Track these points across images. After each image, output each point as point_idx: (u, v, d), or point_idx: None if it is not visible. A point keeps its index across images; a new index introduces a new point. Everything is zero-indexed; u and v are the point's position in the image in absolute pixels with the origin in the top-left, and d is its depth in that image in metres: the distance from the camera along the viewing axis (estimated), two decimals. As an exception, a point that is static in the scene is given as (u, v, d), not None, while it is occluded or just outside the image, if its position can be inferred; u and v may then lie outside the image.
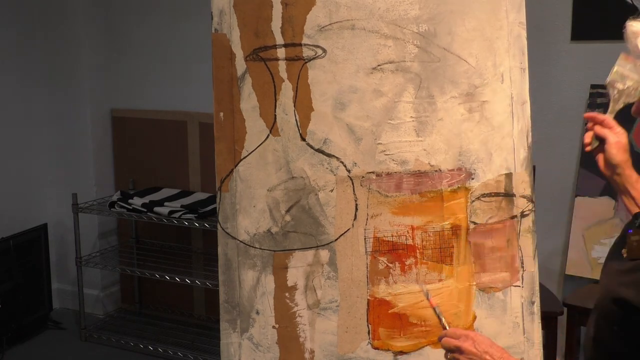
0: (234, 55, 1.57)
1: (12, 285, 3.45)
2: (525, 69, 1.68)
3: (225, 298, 1.64)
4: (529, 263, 1.66)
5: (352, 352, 1.56)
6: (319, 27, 1.51)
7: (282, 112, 1.55)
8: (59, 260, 3.89)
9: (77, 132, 3.75)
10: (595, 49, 2.86)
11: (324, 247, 1.56)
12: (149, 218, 3.34)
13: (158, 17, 3.62)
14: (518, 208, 1.63)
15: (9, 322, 3.40)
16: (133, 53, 3.71)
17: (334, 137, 1.53)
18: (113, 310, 3.89)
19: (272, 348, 1.60)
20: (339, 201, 1.54)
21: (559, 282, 3.02)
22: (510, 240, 1.62)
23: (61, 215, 3.79)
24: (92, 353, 3.47)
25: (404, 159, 1.53)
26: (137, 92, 3.74)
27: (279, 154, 1.56)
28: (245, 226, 1.60)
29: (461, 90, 1.54)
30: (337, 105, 1.52)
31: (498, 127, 1.59)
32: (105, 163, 3.83)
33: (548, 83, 2.94)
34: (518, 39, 1.64)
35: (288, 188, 1.56)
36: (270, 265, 1.58)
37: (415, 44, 1.51)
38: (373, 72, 1.51)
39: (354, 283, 1.55)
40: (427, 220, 1.54)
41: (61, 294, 3.92)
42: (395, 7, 1.50)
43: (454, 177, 1.55)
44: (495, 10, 1.58)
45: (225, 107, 1.60)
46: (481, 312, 1.58)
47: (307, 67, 1.53)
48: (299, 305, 1.58)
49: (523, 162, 1.65)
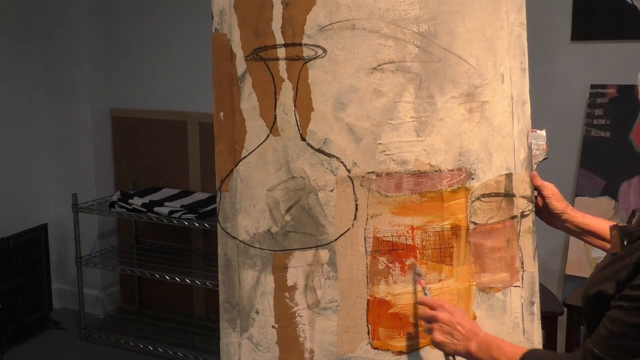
0: (234, 55, 1.57)
1: (12, 285, 3.46)
2: (526, 69, 1.68)
3: (225, 298, 1.64)
4: (529, 263, 1.66)
5: (351, 352, 1.56)
6: (319, 27, 1.51)
7: (282, 112, 1.55)
8: (59, 260, 3.89)
9: (77, 132, 3.75)
10: (595, 49, 2.86)
11: (324, 247, 1.56)
12: (149, 218, 3.35)
13: (158, 17, 3.63)
14: (518, 208, 1.63)
15: (9, 322, 3.41)
16: (133, 53, 3.71)
17: (334, 137, 1.53)
18: (113, 310, 3.89)
19: (272, 348, 1.60)
20: (339, 201, 1.54)
21: (559, 282, 3.02)
22: (510, 240, 1.62)
23: (61, 215, 3.79)
24: (92, 353, 3.47)
25: (404, 159, 1.53)
26: (137, 92, 3.74)
27: (279, 154, 1.56)
28: (245, 226, 1.60)
29: (461, 90, 1.54)
30: (337, 105, 1.52)
31: (498, 127, 1.59)
32: (105, 163, 3.83)
33: (548, 83, 2.94)
34: (518, 39, 1.64)
35: (288, 188, 1.56)
36: (270, 265, 1.58)
37: (416, 44, 1.51)
38: (373, 72, 1.51)
39: (353, 283, 1.55)
40: (427, 221, 1.54)
41: (61, 294, 3.92)
42: (395, 7, 1.50)
43: (454, 177, 1.55)
44: (496, 11, 1.58)
45: (225, 107, 1.60)
46: (481, 312, 1.58)
47: (307, 67, 1.52)
48: (299, 305, 1.58)
49: (523, 163, 1.65)
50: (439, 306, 1.43)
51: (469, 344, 1.38)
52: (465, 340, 1.39)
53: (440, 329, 1.41)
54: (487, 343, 1.36)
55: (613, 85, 2.83)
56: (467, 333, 1.39)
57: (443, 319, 1.41)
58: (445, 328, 1.40)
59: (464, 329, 1.39)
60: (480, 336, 1.38)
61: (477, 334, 1.39)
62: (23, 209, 3.71)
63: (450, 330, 1.40)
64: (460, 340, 1.39)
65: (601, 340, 1.11)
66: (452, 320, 1.40)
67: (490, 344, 1.36)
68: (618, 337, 1.09)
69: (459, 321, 1.40)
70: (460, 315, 1.42)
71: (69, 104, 3.73)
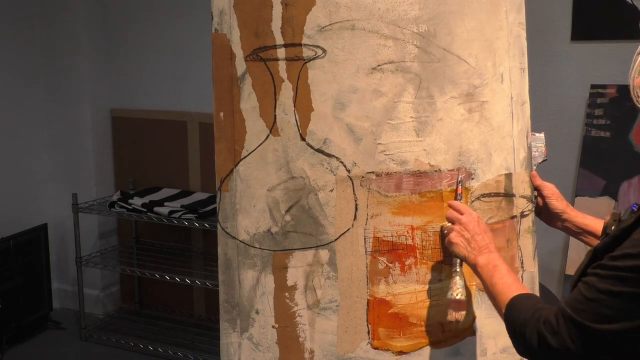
0: (234, 55, 1.57)
1: (12, 285, 3.46)
2: (525, 69, 1.68)
3: (225, 298, 1.64)
4: (529, 263, 1.66)
5: (351, 352, 1.56)
6: (319, 28, 1.51)
7: (282, 112, 1.55)
8: (59, 260, 3.89)
9: (77, 132, 3.75)
10: (595, 49, 2.86)
11: (324, 247, 1.56)
12: (149, 218, 3.35)
13: (158, 17, 3.63)
14: (518, 208, 1.63)
15: (9, 322, 3.41)
16: (133, 53, 3.71)
17: (334, 137, 1.53)
18: (113, 310, 3.89)
19: (272, 348, 1.60)
20: (338, 201, 1.54)
21: (559, 282, 3.02)
22: (510, 240, 1.62)
23: (61, 215, 3.79)
24: (92, 353, 3.47)
25: (403, 159, 1.53)
26: (137, 92, 3.74)
27: (279, 154, 1.56)
28: (245, 226, 1.60)
29: (461, 90, 1.54)
30: (337, 105, 1.52)
31: (498, 127, 1.59)
32: (105, 163, 3.83)
33: (548, 83, 2.94)
34: (518, 40, 1.64)
35: (288, 188, 1.56)
36: (270, 265, 1.58)
37: (415, 44, 1.51)
38: (373, 72, 1.51)
39: (353, 283, 1.55)
40: (427, 220, 1.54)
41: (61, 294, 3.92)
42: (395, 7, 1.50)
43: (454, 177, 1.55)
44: (495, 11, 1.58)
45: (225, 107, 1.60)
46: (481, 312, 1.58)
47: (307, 67, 1.52)
48: (299, 305, 1.58)
49: (523, 162, 1.65)
50: (468, 212, 1.45)
51: (480, 256, 1.39)
52: (478, 251, 1.40)
53: (459, 232, 1.43)
54: (495, 265, 1.36)
55: (613, 85, 2.83)
56: (483, 246, 1.40)
57: (466, 224, 1.43)
58: (465, 233, 1.42)
59: (482, 241, 1.41)
60: (493, 255, 1.39)
61: (491, 251, 1.40)
62: (23, 209, 3.71)
63: (469, 237, 1.41)
64: (473, 249, 1.40)
65: (574, 304, 1.13)
66: (475, 229, 1.42)
67: (497, 267, 1.36)
68: (590, 302, 1.11)
69: (480, 232, 1.42)
70: (483, 228, 1.43)
71: (69, 104, 3.73)
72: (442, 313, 1.54)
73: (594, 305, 1.10)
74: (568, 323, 1.12)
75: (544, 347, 1.15)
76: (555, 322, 1.14)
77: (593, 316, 1.10)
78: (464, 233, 1.42)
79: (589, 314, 1.10)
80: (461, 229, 1.43)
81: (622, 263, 1.09)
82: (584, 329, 1.10)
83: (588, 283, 1.13)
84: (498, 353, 1.61)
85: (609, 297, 1.09)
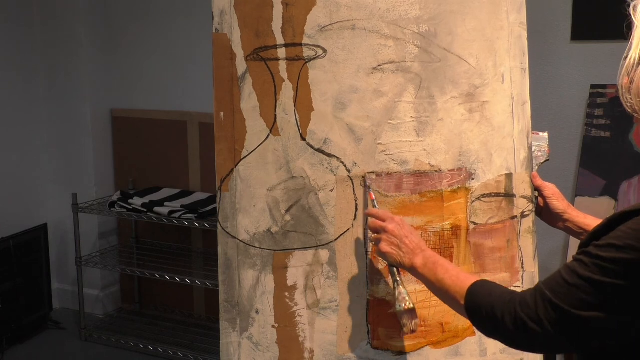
0: (234, 55, 1.57)
1: (12, 285, 3.46)
2: (526, 70, 1.68)
3: (225, 297, 1.64)
4: (529, 263, 1.66)
5: (351, 352, 1.56)
6: (319, 27, 1.51)
7: (282, 112, 1.55)
8: (59, 260, 3.89)
9: (77, 132, 3.75)
10: (595, 49, 2.86)
11: (324, 247, 1.56)
12: (149, 218, 3.35)
13: (158, 17, 3.62)
14: (518, 208, 1.63)
15: (9, 322, 3.40)
16: (133, 53, 3.71)
17: (334, 137, 1.53)
18: (113, 310, 3.89)
19: (272, 347, 1.60)
20: (339, 201, 1.54)
21: (558, 283, 3.01)
22: (510, 240, 1.62)
23: (61, 215, 3.79)
24: (92, 353, 3.47)
25: (404, 159, 1.53)
26: (137, 92, 3.74)
27: (279, 154, 1.56)
28: (245, 226, 1.60)
29: (461, 90, 1.54)
30: (337, 105, 1.52)
31: (498, 127, 1.59)
32: (105, 163, 3.83)
33: (548, 83, 2.94)
34: (519, 40, 1.64)
35: (288, 188, 1.56)
36: (270, 265, 1.58)
37: (416, 45, 1.51)
38: (373, 72, 1.51)
39: (353, 283, 1.55)
40: (427, 221, 1.54)
41: (61, 294, 3.92)
42: (395, 7, 1.50)
43: (454, 177, 1.55)
44: (496, 11, 1.58)
45: (225, 107, 1.60)
46: (481, 312, 1.58)
47: (307, 67, 1.53)
48: (299, 304, 1.58)
49: (523, 163, 1.65)
50: (389, 218, 1.44)
51: (415, 258, 1.38)
52: (412, 254, 1.39)
53: (388, 240, 1.42)
54: (434, 262, 1.35)
55: (613, 85, 2.83)
56: (414, 248, 1.39)
57: (392, 230, 1.41)
58: (393, 240, 1.41)
59: (412, 243, 1.40)
60: (427, 253, 1.39)
61: (424, 250, 1.39)
62: (23, 209, 3.71)
63: (398, 243, 1.40)
64: (406, 253, 1.40)
65: (553, 286, 1.12)
66: (401, 233, 1.41)
67: (437, 263, 1.35)
68: (570, 287, 1.10)
69: (407, 235, 1.41)
70: (408, 229, 1.42)
71: (69, 104, 3.73)
72: (442, 313, 1.54)
73: (573, 291, 1.10)
74: (547, 304, 1.11)
75: (520, 328, 1.14)
76: (533, 302, 1.13)
77: (571, 301, 1.09)
78: (392, 239, 1.41)
79: (567, 298, 1.10)
80: (388, 237, 1.42)
81: (606, 253, 1.08)
82: (561, 312, 1.10)
83: (570, 268, 1.12)
84: (498, 353, 1.61)
85: (589, 285, 1.08)
